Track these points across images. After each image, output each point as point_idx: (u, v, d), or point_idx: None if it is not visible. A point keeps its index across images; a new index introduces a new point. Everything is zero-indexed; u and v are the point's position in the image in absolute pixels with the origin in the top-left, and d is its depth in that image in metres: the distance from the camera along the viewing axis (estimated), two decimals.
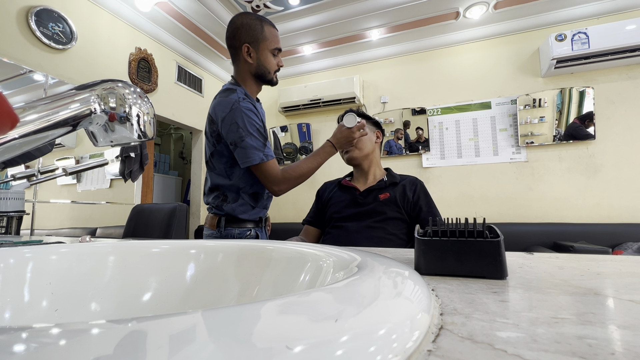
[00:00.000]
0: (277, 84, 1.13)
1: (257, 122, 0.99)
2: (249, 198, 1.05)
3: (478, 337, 0.16)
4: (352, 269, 0.26)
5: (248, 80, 1.06)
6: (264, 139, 1.00)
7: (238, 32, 1.02)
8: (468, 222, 0.33)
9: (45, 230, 1.98)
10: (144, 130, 0.37)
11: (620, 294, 0.24)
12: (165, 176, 4.30)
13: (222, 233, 1.05)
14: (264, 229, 1.14)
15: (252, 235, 1.07)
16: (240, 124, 0.96)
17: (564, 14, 2.49)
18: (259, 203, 1.07)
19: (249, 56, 1.02)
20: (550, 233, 2.32)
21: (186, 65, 3.03)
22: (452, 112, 2.81)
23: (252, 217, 1.06)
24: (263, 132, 1.01)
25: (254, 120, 0.98)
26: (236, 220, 1.05)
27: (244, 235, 1.06)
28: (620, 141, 2.37)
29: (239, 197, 1.04)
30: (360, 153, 1.10)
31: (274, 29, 1.05)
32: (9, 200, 0.91)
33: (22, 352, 0.10)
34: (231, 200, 1.05)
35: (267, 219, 1.19)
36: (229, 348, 0.11)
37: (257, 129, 0.98)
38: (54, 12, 1.97)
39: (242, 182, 1.04)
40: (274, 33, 1.04)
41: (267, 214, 1.18)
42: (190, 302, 0.41)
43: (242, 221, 1.06)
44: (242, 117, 0.96)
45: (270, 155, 1.00)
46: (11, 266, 0.37)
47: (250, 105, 0.99)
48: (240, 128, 0.96)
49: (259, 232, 1.09)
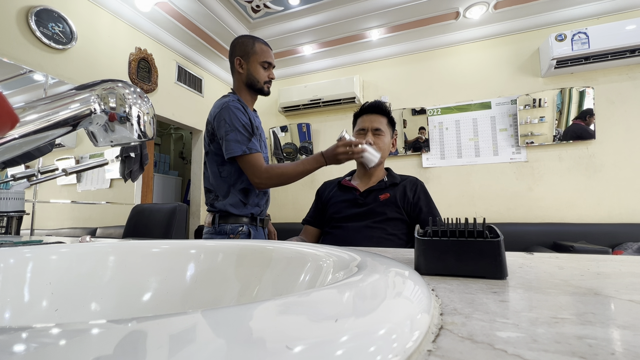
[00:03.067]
0: (269, 94, 1.24)
1: (242, 119, 1.07)
2: (239, 193, 1.12)
3: (478, 337, 0.16)
4: (352, 269, 0.26)
5: (242, 90, 1.19)
6: (249, 134, 1.07)
7: (234, 49, 1.18)
8: (468, 222, 0.33)
9: (45, 230, 1.98)
10: (144, 130, 0.37)
11: (620, 294, 0.24)
12: (165, 176, 4.30)
13: (216, 230, 1.11)
14: (259, 229, 1.17)
15: (244, 232, 1.11)
16: (227, 119, 1.06)
17: (564, 14, 2.49)
18: (250, 200, 1.13)
19: (240, 67, 1.16)
20: (550, 233, 2.32)
21: (186, 65, 3.03)
22: (452, 112, 2.81)
23: (243, 212, 1.12)
24: (249, 129, 1.08)
25: (239, 117, 1.07)
26: (229, 216, 1.11)
27: (236, 230, 1.10)
28: (620, 141, 2.37)
29: (230, 193, 1.11)
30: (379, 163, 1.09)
31: (265, 46, 1.17)
32: (9, 200, 0.91)
33: (22, 352, 0.10)
34: (223, 196, 1.12)
35: (265, 220, 1.22)
36: (229, 348, 0.11)
37: (243, 125, 1.07)
38: (54, 12, 1.97)
39: (232, 178, 1.11)
40: (265, 49, 1.17)
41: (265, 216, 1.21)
42: (190, 302, 0.41)
43: (235, 217, 1.11)
44: (229, 114, 1.06)
45: (254, 150, 1.07)
46: (11, 266, 0.37)
47: (239, 105, 1.09)
48: (227, 123, 1.06)
49: (252, 230, 1.13)
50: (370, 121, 1.10)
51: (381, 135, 1.09)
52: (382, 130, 1.09)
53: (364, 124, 1.11)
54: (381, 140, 1.09)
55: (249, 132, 1.08)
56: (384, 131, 1.10)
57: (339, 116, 3.21)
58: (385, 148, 1.10)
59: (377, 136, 1.09)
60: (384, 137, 1.10)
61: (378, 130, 1.09)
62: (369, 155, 1.02)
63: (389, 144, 1.13)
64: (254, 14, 2.62)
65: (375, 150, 1.04)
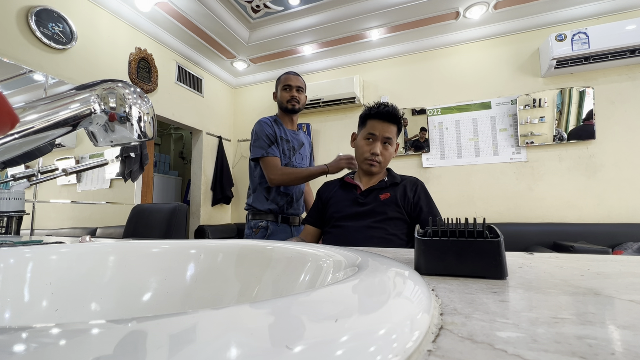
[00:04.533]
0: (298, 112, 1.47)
1: (267, 130, 1.38)
2: (263, 191, 1.40)
3: (478, 337, 0.16)
4: (352, 269, 0.26)
5: (280, 112, 1.50)
6: (269, 142, 1.36)
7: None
8: (468, 222, 0.33)
9: (45, 230, 1.98)
10: (144, 130, 0.37)
11: (620, 294, 0.24)
12: (165, 176, 4.30)
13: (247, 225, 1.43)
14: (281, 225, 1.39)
15: (263, 226, 1.37)
16: (257, 131, 1.39)
17: (564, 14, 2.49)
18: (270, 196, 1.39)
19: (274, 96, 1.50)
20: (550, 233, 2.32)
21: (186, 65, 3.03)
22: (452, 112, 2.81)
23: (264, 207, 1.39)
24: (271, 138, 1.37)
25: (265, 129, 1.38)
26: (255, 212, 1.40)
27: (257, 225, 1.38)
28: (620, 141, 2.37)
29: (257, 190, 1.42)
30: (381, 168, 1.09)
31: (289, 74, 1.46)
32: (9, 200, 0.91)
33: (22, 352, 0.10)
34: (252, 192, 1.43)
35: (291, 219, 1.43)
36: (229, 348, 0.11)
37: (266, 135, 1.36)
38: (54, 12, 1.97)
39: (261, 178, 1.40)
40: (287, 77, 1.45)
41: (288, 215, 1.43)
42: (190, 302, 0.41)
43: (258, 213, 1.39)
44: (259, 127, 1.39)
45: (272, 154, 1.34)
46: (11, 266, 0.37)
47: (267, 120, 1.41)
48: (256, 133, 1.39)
49: (271, 225, 1.37)
50: (382, 129, 1.05)
51: (390, 145, 1.07)
52: (391, 139, 1.06)
53: (374, 129, 1.06)
54: (388, 152, 1.07)
55: (270, 140, 1.36)
56: (393, 140, 1.07)
57: (339, 116, 3.21)
58: (390, 158, 1.09)
59: (385, 146, 1.07)
60: (391, 147, 1.08)
61: (388, 139, 1.06)
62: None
63: (393, 153, 1.11)
64: (254, 14, 2.62)
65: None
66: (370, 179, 1.12)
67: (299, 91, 1.44)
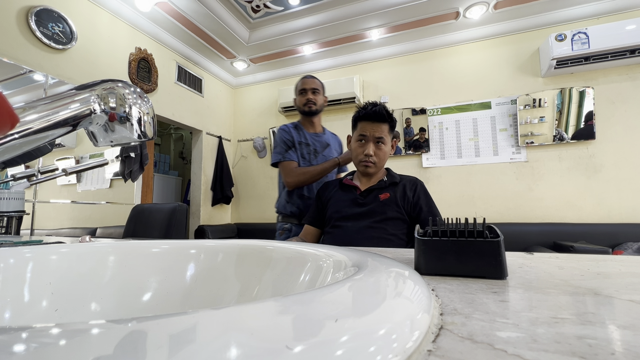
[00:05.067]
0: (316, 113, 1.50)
1: (285, 136, 1.45)
2: (286, 194, 1.47)
3: (478, 337, 0.16)
4: (352, 269, 0.26)
5: (300, 115, 1.55)
6: (287, 147, 1.43)
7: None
8: (468, 222, 0.33)
9: (45, 230, 1.98)
10: (144, 130, 0.37)
11: (620, 294, 0.24)
12: (165, 176, 4.30)
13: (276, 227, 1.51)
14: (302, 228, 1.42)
15: (286, 228, 1.44)
16: (276, 137, 1.48)
17: (564, 14, 2.49)
18: (292, 199, 1.45)
19: (294, 102, 1.55)
20: (550, 233, 2.32)
21: (186, 65, 3.03)
22: (452, 112, 2.81)
23: (286, 210, 1.46)
24: (289, 144, 1.44)
25: (282, 135, 1.46)
26: (281, 215, 1.48)
27: (282, 227, 1.46)
28: (620, 141, 2.37)
29: (281, 194, 1.50)
30: (378, 168, 1.09)
31: (304, 79, 1.51)
32: (9, 200, 0.91)
33: (22, 352, 0.10)
34: (278, 197, 1.53)
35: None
36: (229, 348, 0.11)
37: (284, 141, 1.44)
38: (54, 12, 1.97)
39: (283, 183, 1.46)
40: (302, 81, 1.50)
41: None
42: (190, 302, 0.41)
43: (283, 215, 1.47)
44: (278, 134, 1.48)
45: (289, 158, 1.42)
46: (11, 266, 0.37)
47: (285, 127, 1.48)
48: (275, 140, 1.49)
49: (294, 228, 1.42)
50: (373, 130, 1.05)
51: (383, 144, 1.07)
52: (384, 138, 1.06)
53: (365, 131, 1.06)
54: (382, 151, 1.07)
55: (287, 145, 1.43)
56: (386, 139, 1.07)
57: (339, 116, 3.21)
58: (385, 157, 1.09)
59: (378, 145, 1.07)
60: (385, 145, 1.08)
61: (380, 139, 1.06)
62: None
63: (389, 151, 1.11)
64: (254, 14, 2.62)
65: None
66: (369, 179, 1.12)
67: (315, 93, 1.47)
